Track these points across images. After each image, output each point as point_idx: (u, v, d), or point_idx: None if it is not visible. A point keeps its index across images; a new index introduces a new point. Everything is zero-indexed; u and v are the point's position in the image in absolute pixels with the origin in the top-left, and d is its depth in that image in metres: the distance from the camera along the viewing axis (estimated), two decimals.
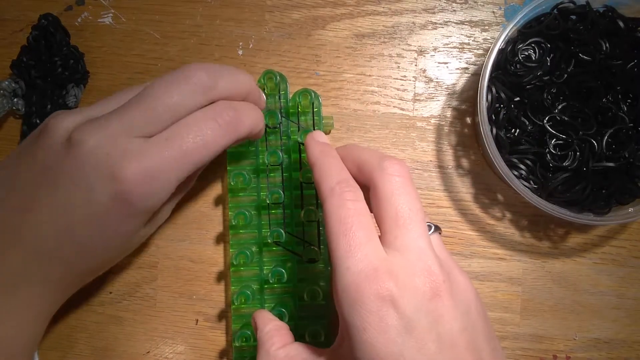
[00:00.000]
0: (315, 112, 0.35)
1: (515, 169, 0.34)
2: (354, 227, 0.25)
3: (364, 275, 0.24)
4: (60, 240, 0.28)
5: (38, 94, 0.37)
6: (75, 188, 0.27)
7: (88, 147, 0.27)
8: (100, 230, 0.28)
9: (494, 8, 0.38)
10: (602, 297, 0.37)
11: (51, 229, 0.28)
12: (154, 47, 0.38)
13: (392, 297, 0.23)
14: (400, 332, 0.23)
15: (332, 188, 0.26)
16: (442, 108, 0.38)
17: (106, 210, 0.27)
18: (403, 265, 0.24)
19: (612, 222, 0.34)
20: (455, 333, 0.24)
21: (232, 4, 0.38)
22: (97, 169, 0.27)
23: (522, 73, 0.34)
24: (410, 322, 0.23)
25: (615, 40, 0.34)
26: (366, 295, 0.23)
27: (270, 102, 0.36)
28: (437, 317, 0.24)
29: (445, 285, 0.25)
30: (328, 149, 0.29)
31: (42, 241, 0.28)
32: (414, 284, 0.24)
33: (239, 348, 0.35)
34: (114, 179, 0.27)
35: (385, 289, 0.23)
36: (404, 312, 0.23)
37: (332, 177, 0.27)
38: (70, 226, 0.28)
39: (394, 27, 0.38)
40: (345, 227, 0.25)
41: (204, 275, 0.37)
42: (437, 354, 0.23)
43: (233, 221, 0.35)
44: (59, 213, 0.27)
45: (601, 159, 0.33)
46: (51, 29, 0.36)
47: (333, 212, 0.26)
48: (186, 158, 0.28)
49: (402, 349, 0.23)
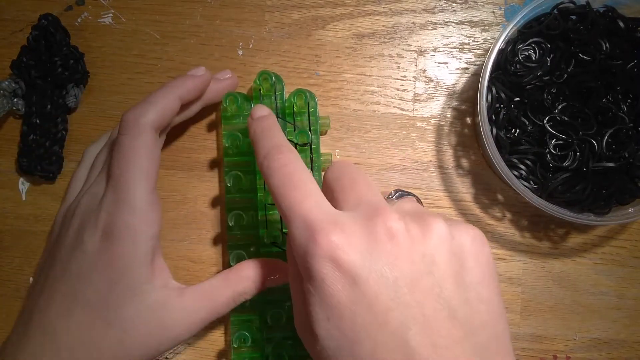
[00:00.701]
0: (311, 112, 0.35)
1: (515, 169, 0.34)
2: (302, 180, 0.25)
3: (308, 230, 0.23)
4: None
5: (38, 94, 0.37)
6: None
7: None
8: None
9: (494, 8, 0.38)
10: (602, 297, 0.37)
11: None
12: (154, 47, 0.38)
13: (336, 249, 0.22)
14: (350, 284, 0.22)
15: (268, 151, 0.27)
16: (442, 108, 0.38)
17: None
18: (351, 218, 0.24)
19: (612, 222, 0.34)
20: (415, 276, 0.22)
21: (232, 4, 0.38)
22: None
23: (522, 73, 0.34)
24: (360, 274, 0.22)
25: (615, 40, 0.34)
26: (311, 251, 0.23)
27: (266, 102, 0.35)
28: (392, 261, 0.22)
29: (401, 227, 0.23)
30: (265, 121, 0.30)
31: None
32: (361, 232, 0.23)
33: (237, 349, 0.35)
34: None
35: (329, 240, 0.22)
36: (350, 263, 0.22)
37: (271, 140, 0.28)
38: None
39: (394, 27, 0.38)
40: (292, 181, 0.25)
41: (204, 275, 0.37)
42: (395, 302, 0.22)
43: (230, 222, 0.34)
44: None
45: (601, 159, 0.33)
46: (51, 29, 0.36)
47: (276, 171, 0.26)
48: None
49: (353, 300, 0.22)
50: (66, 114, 0.37)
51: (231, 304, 0.30)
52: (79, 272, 0.28)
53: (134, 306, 0.28)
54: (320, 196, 0.25)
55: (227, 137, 0.35)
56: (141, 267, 0.28)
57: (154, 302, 0.28)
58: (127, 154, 0.29)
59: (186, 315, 0.29)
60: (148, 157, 0.29)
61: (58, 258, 0.30)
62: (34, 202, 0.38)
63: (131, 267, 0.28)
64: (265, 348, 0.34)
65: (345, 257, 0.22)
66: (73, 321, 0.28)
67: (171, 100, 0.31)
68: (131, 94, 0.38)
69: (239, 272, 0.31)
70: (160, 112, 0.30)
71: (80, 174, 0.35)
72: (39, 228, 0.37)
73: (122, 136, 0.29)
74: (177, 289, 0.29)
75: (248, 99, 0.36)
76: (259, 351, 0.35)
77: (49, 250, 0.32)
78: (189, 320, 0.29)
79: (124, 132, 0.29)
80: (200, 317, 0.29)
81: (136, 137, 0.29)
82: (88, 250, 0.28)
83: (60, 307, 0.28)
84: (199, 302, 0.29)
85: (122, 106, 0.38)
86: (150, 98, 0.31)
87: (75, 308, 0.28)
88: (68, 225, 0.30)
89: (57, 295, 0.29)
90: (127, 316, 0.28)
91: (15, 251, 0.38)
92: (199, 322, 0.29)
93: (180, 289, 0.29)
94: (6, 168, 0.38)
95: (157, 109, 0.30)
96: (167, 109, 0.31)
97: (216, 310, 0.30)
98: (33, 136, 0.37)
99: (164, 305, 0.28)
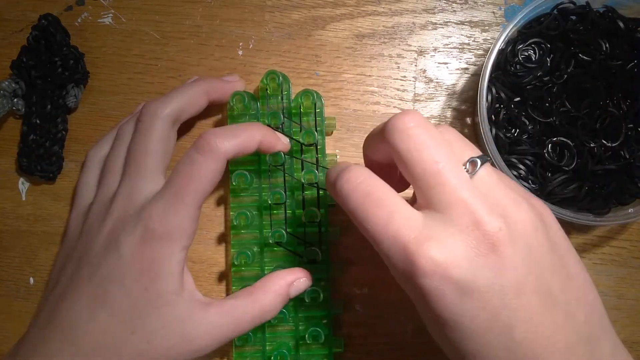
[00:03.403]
0: (318, 112, 0.35)
1: (515, 169, 0.34)
2: (381, 196, 0.24)
3: (404, 251, 0.23)
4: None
5: (38, 94, 0.37)
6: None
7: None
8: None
9: (494, 8, 0.38)
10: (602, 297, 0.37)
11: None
12: (154, 47, 0.38)
13: (440, 266, 0.22)
14: (459, 296, 0.22)
15: (337, 174, 0.26)
16: (442, 108, 0.38)
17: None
18: (445, 227, 0.23)
19: (612, 223, 0.34)
20: (520, 280, 0.22)
21: (232, 4, 0.38)
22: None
23: (522, 73, 0.34)
24: (467, 285, 0.22)
25: (615, 41, 0.34)
26: (414, 272, 0.22)
27: (273, 102, 0.36)
28: (496, 271, 0.22)
29: (501, 234, 0.22)
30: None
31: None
32: (462, 244, 0.22)
33: (238, 348, 0.35)
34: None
35: (430, 258, 0.22)
36: (457, 277, 0.22)
37: (338, 165, 0.27)
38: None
39: (394, 27, 0.38)
40: (372, 200, 0.24)
41: (204, 275, 0.37)
42: (502, 307, 0.22)
43: (234, 221, 0.35)
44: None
45: (601, 160, 0.33)
46: (51, 29, 0.36)
47: (352, 192, 0.25)
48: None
49: (462, 310, 0.22)
50: (66, 114, 0.37)
51: (257, 321, 0.30)
52: (110, 275, 0.28)
53: (161, 317, 0.28)
54: (404, 207, 0.24)
55: None
56: (174, 276, 0.28)
57: (180, 314, 0.28)
58: (193, 169, 0.29)
59: (210, 329, 0.29)
60: (216, 181, 0.30)
61: (85, 261, 0.30)
62: (34, 202, 0.38)
63: (164, 275, 0.28)
64: (266, 347, 0.34)
65: (451, 272, 0.22)
66: (97, 325, 0.28)
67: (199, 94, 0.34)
68: (131, 94, 0.38)
69: (262, 288, 0.31)
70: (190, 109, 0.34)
71: (89, 177, 0.35)
72: (39, 228, 0.37)
73: (197, 155, 0.29)
74: (203, 302, 0.29)
75: (255, 98, 0.36)
76: (260, 350, 0.35)
77: (69, 255, 0.32)
78: (212, 335, 0.29)
79: (198, 150, 0.29)
80: (223, 334, 0.29)
81: (209, 158, 0.29)
82: (123, 253, 0.28)
83: (85, 310, 0.28)
84: (224, 319, 0.29)
85: (122, 106, 0.38)
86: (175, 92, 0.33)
87: (100, 312, 0.28)
88: (99, 227, 0.30)
89: (83, 298, 0.28)
90: (153, 327, 0.28)
91: (15, 251, 0.37)
92: (222, 338, 0.29)
93: (206, 303, 0.29)
94: (6, 168, 0.38)
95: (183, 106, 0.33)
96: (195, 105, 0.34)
97: (240, 328, 0.30)
98: (33, 136, 0.37)
99: (190, 318, 0.28)
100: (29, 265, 0.37)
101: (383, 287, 0.37)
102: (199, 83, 0.34)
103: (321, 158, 0.35)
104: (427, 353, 0.36)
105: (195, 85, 0.34)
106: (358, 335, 0.36)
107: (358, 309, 0.37)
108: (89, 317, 0.28)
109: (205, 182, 0.29)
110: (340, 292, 0.37)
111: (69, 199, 0.37)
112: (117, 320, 0.28)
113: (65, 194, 0.37)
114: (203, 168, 0.29)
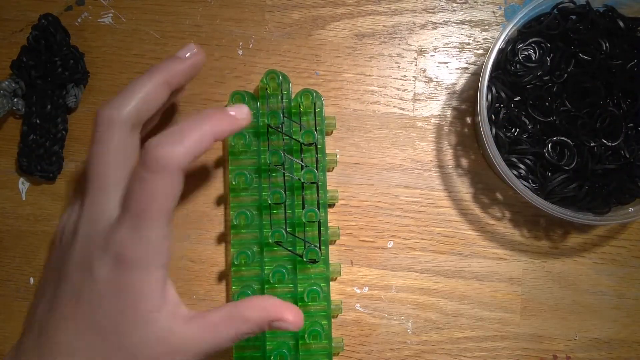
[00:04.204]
0: (318, 112, 0.35)
1: (515, 168, 0.34)
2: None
3: None
4: None
5: (38, 94, 0.37)
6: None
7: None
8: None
9: (494, 8, 0.38)
10: (602, 297, 0.37)
11: None
12: (154, 47, 0.38)
13: None
14: None
15: None
16: (442, 108, 0.38)
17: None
18: None
19: (612, 222, 0.34)
20: None
21: (232, 4, 0.38)
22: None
23: (522, 73, 0.34)
24: None
25: (615, 40, 0.34)
26: None
27: (273, 102, 0.36)
28: None
29: None
30: None
31: None
32: None
33: (239, 347, 0.35)
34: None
35: None
36: None
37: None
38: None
39: (394, 27, 0.38)
40: None
41: (204, 275, 0.37)
42: None
43: (234, 221, 0.35)
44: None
45: (601, 159, 0.33)
46: (51, 29, 0.36)
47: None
48: None
49: None
50: (66, 114, 0.37)
51: (235, 340, 0.30)
52: (89, 298, 0.28)
53: (143, 333, 0.28)
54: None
55: (232, 136, 0.35)
56: (152, 294, 0.28)
57: (162, 329, 0.28)
58: (147, 190, 0.27)
59: (193, 342, 0.28)
60: (178, 193, 0.28)
61: (65, 279, 0.29)
62: (34, 202, 0.38)
63: (141, 296, 0.28)
64: (266, 347, 0.34)
65: None
66: (85, 342, 0.28)
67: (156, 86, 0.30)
68: None
69: (244, 312, 0.29)
70: (141, 103, 0.29)
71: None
72: (39, 228, 0.37)
73: (147, 174, 0.27)
74: (185, 317, 0.29)
75: (255, 97, 0.36)
76: (260, 350, 0.35)
77: (53, 267, 0.31)
78: (194, 349, 0.29)
79: (146, 169, 0.27)
80: (204, 349, 0.29)
81: (161, 176, 0.27)
82: (97, 278, 0.28)
83: (71, 329, 0.28)
84: (204, 334, 0.29)
85: None
86: (130, 87, 0.29)
87: (85, 331, 0.28)
88: (70, 248, 0.29)
89: (69, 320, 0.28)
90: (136, 342, 0.28)
91: (15, 251, 0.38)
92: (203, 352, 0.29)
93: (188, 317, 0.29)
94: (6, 168, 0.38)
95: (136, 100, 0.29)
96: (151, 98, 0.29)
97: (220, 345, 0.29)
98: (33, 136, 0.37)
99: (172, 332, 0.28)
100: (29, 265, 0.37)
101: (383, 287, 0.37)
102: (154, 73, 0.30)
103: (321, 157, 0.35)
104: (427, 353, 0.37)
105: (152, 76, 0.30)
106: (358, 335, 0.36)
107: (358, 309, 0.37)
108: (76, 335, 0.28)
109: (164, 201, 0.27)
110: (340, 292, 0.37)
111: (68, 199, 0.37)
112: (101, 339, 0.28)
113: (65, 194, 0.38)
114: (159, 186, 0.26)
